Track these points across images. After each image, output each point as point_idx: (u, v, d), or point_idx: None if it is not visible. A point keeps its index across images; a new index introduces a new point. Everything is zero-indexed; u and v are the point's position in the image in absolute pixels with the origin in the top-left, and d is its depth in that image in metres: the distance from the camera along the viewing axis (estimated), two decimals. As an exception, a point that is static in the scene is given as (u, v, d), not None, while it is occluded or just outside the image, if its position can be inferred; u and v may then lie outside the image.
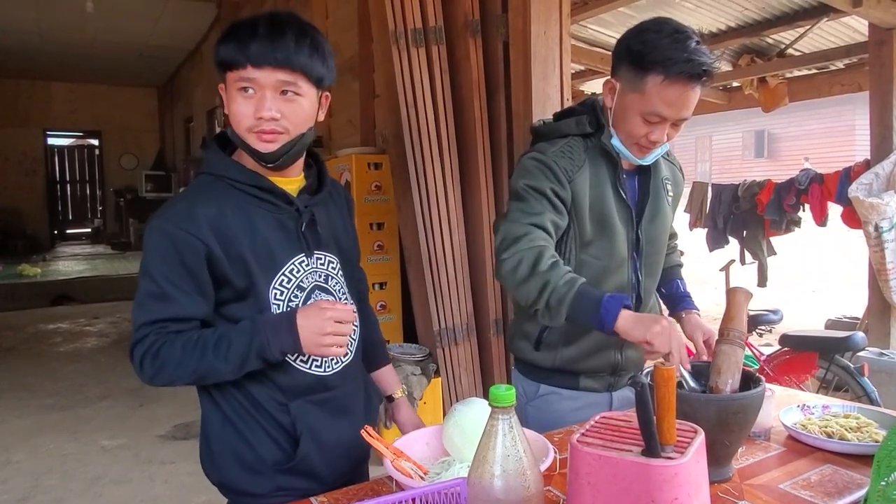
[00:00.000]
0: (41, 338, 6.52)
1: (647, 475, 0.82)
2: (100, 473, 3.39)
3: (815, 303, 7.80)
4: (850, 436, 1.32)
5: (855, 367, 3.16)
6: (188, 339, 1.16)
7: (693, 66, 1.30)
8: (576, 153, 1.47)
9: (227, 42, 1.17)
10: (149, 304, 1.17)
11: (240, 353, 1.16)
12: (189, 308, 1.18)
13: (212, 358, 1.15)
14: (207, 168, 1.26)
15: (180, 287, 1.17)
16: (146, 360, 1.15)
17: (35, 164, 13.09)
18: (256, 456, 1.25)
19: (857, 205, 4.11)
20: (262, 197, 1.23)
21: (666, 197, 1.58)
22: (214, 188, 1.22)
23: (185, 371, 1.16)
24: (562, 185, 1.43)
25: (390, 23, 3.11)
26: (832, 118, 15.70)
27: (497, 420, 0.86)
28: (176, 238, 1.16)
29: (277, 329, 1.17)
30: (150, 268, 1.17)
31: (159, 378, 1.17)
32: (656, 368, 0.87)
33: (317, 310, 1.18)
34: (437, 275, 3.17)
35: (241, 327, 1.18)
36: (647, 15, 4.68)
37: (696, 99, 1.37)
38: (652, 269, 1.58)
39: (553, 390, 1.61)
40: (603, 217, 1.47)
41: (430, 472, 1.24)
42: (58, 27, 8.74)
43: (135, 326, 1.18)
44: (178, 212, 1.18)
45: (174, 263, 1.16)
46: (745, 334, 1.28)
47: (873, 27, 4.16)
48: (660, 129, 1.39)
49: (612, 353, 1.58)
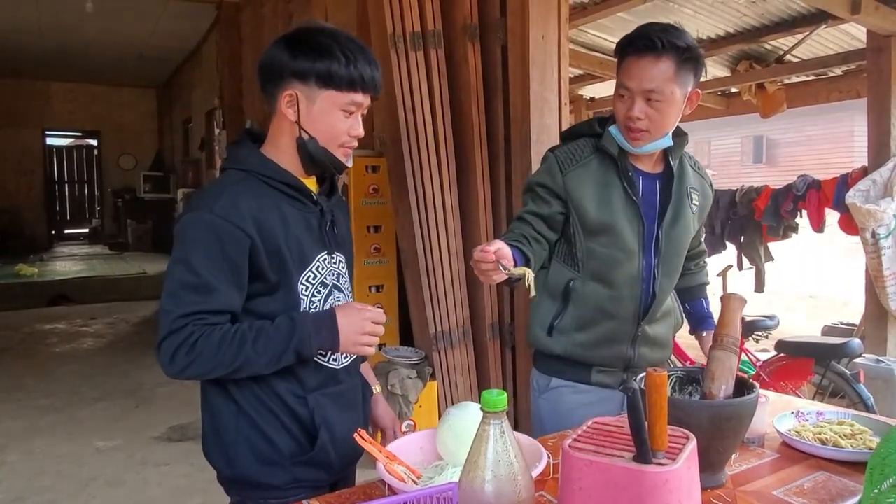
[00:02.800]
0: (37, 338, 6.50)
1: (638, 481, 0.81)
2: (94, 475, 3.38)
3: (813, 309, 7.81)
4: (844, 443, 1.32)
5: (851, 374, 3.16)
6: (226, 332, 1.18)
7: (639, 39, 1.48)
8: (582, 150, 1.61)
9: (336, 61, 1.22)
10: (186, 295, 1.17)
11: (279, 347, 1.19)
12: (228, 301, 1.20)
13: (250, 350, 1.17)
14: (238, 163, 1.28)
15: (222, 279, 1.19)
16: (181, 351, 1.15)
17: (33, 163, 13.04)
18: (274, 448, 1.27)
19: (855, 211, 4.12)
20: (292, 195, 1.29)
21: (690, 205, 1.64)
22: (249, 183, 1.25)
23: (222, 362, 1.17)
24: (553, 177, 1.59)
25: (389, 26, 3.11)
26: (831, 124, 15.71)
27: (489, 425, 0.86)
28: (222, 230, 1.18)
29: (319, 326, 1.22)
30: (192, 259, 1.18)
31: (191, 370, 1.16)
32: (648, 374, 0.87)
33: (355, 310, 1.25)
34: (433, 278, 3.17)
35: (280, 323, 1.21)
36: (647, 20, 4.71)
37: (660, 73, 1.46)
38: (670, 268, 1.64)
39: (564, 383, 1.66)
40: (607, 210, 1.57)
41: (423, 476, 1.24)
42: (57, 27, 8.74)
43: (168, 318, 1.16)
44: (224, 205, 1.20)
45: (218, 255, 1.18)
46: (739, 340, 1.28)
47: (871, 34, 4.18)
48: (631, 104, 1.49)
49: (624, 348, 1.63)
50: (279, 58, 1.24)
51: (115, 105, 13.42)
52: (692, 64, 1.49)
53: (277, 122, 1.30)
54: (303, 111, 1.25)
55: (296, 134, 1.28)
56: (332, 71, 1.22)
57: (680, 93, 1.49)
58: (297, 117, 1.26)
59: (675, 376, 1.31)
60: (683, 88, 1.50)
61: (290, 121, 1.27)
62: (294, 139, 1.28)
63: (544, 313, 1.65)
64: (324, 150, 1.27)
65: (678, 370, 1.32)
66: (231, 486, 1.33)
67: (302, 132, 1.26)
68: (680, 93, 1.49)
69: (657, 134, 1.52)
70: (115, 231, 13.24)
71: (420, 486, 1.17)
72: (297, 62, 1.23)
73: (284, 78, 1.24)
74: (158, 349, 1.17)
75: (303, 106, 1.25)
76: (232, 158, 1.30)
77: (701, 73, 1.54)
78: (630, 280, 1.58)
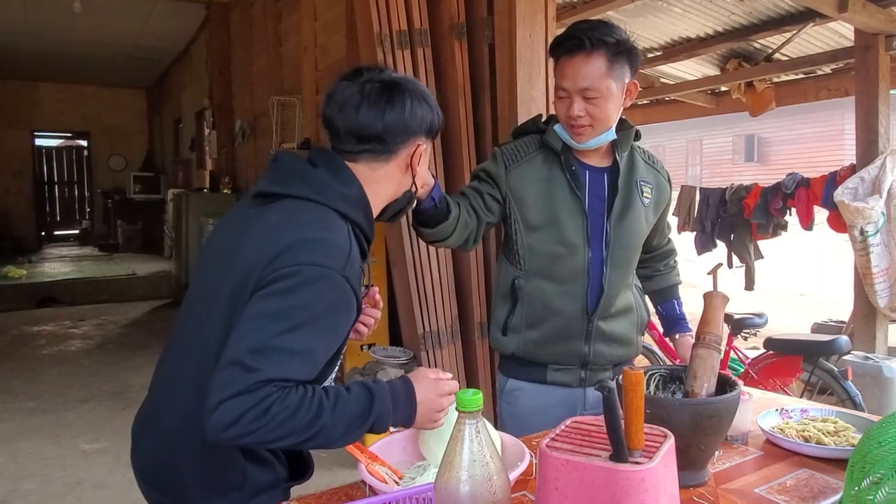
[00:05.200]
0: (24, 340, 6.44)
1: (614, 480, 0.80)
2: (79, 477, 3.35)
3: (803, 306, 7.84)
4: (827, 440, 1.31)
5: (839, 371, 3.16)
6: (303, 396, 1.00)
7: (568, 39, 1.49)
8: (527, 147, 1.64)
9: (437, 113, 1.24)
10: (283, 358, 0.99)
11: (357, 420, 1.05)
12: (318, 369, 1.07)
13: (328, 418, 1.01)
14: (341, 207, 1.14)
15: (325, 351, 1.07)
16: (249, 414, 0.95)
17: (22, 165, 12.96)
18: (275, 475, 1.21)
19: (843, 209, 4.13)
20: (364, 252, 1.21)
21: (641, 197, 1.64)
22: (352, 237, 1.13)
23: (295, 430, 0.99)
24: (497, 167, 1.62)
25: (375, 25, 3.10)
26: (822, 122, 15.79)
27: (464, 425, 0.85)
28: (346, 297, 1.07)
29: (397, 401, 1.10)
30: (305, 321, 1.01)
31: (252, 437, 0.97)
32: (624, 372, 0.86)
33: (432, 383, 1.14)
34: (421, 278, 3.16)
35: (359, 393, 1.07)
36: (636, 18, 4.74)
37: (593, 70, 1.47)
38: (620, 262, 1.62)
39: (520, 384, 1.66)
40: (549, 205, 1.58)
41: (405, 476, 1.23)
42: (46, 27, 8.68)
43: (249, 376, 0.96)
44: (352, 266, 1.08)
45: (332, 325, 1.06)
46: (721, 338, 1.27)
47: (859, 32, 4.19)
48: (570, 104, 1.51)
49: (577, 344, 1.61)
50: (416, 111, 1.20)
51: (104, 106, 13.35)
52: (625, 57, 1.50)
53: (389, 171, 1.21)
54: (419, 163, 1.24)
55: (405, 187, 1.25)
56: (434, 123, 1.24)
57: (616, 86, 1.50)
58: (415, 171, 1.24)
59: (658, 374, 1.31)
60: (619, 82, 1.51)
61: (403, 173, 1.23)
62: (398, 192, 1.25)
63: (499, 313, 1.67)
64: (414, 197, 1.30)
65: (661, 369, 1.31)
66: None
67: (414, 185, 1.26)
68: (616, 86, 1.50)
69: (600, 129, 1.54)
70: (105, 232, 13.16)
71: (402, 486, 1.17)
72: (431, 115, 1.22)
73: (418, 131, 1.21)
74: (216, 408, 0.96)
75: (419, 158, 1.24)
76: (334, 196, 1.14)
77: (637, 64, 1.54)
78: (574, 274, 1.58)
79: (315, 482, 1.37)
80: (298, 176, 1.16)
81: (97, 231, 13.57)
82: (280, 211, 1.13)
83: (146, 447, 1.21)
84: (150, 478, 1.21)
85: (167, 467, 1.17)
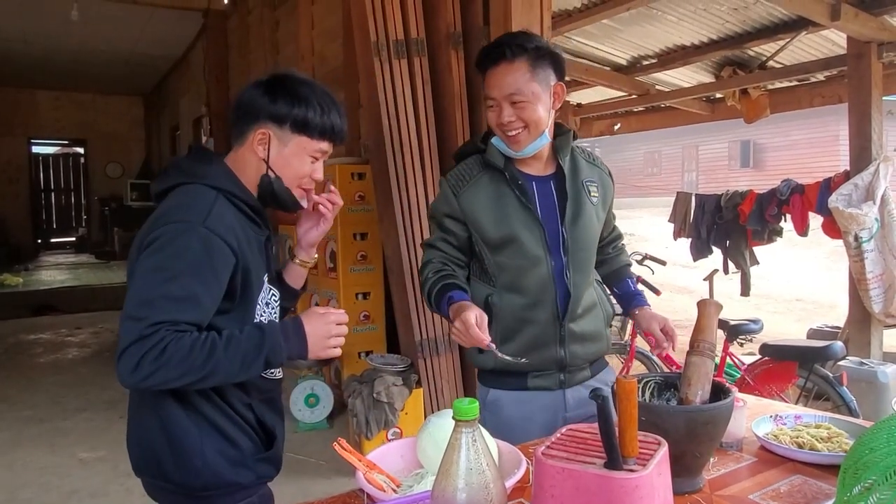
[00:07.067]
0: (21, 349, 6.43)
1: (609, 487, 0.82)
2: (77, 487, 3.34)
3: (800, 312, 7.86)
4: (821, 446, 1.32)
5: (834, 377, 3.18)
6: (196, 338, 1.15)
7: (492, 50, 1.57)
8: (471, 169, 1.66)
9: (313, 110, 1.32)
10: (166, 304, 1.14)
11: (250, 355, 1.19)
12: (207, 315, 1.20)
13: (222, 356, 1.16)
14: (209, 180, 1.30)
15: (207, 294, 1.19)
16: (147, 356, 1.10)
17: (19, 172, 12.95)
18: (239, 449, 1.33)
19: (837, 215, 4.16)
20: (252, 217, 1.35)
21: (589, 198, 1.68)
22: (220, 201, 1.28)
23: (193, 367, 1.13)
24: (449, 203, 1.64)
25: (372, 34, 3.12)
26: (817, 129, 15.87)
27: (461, 433, 0.86)
28: (214, 245, 1.20)
29: (287, 335, 1.23)
30: (178, 269, 1.16)
31: (156, 376, 1.12)
32: (618, 381, 0.87)
33: (319, 315, 1.27)
34: (418, 285, 3.16)
35: (250, 332, 1.21)
36: (631, 26, 4.77)
37: (517, 76, 1.53)
38: (581, 265, 1.65)
39: (500, 395, 1.67)
40: (505, 223, 1.60)
41: (402, 484, 1.24)
42: (43, 35, 8.69)
43: (139, 324, 1.12)
44: (214, 220, 1.22)
45: (207, 269, 1.19)
46: (715, 346, 1.28)
47: (852, 40, 4.23)
48: (499, 111, 1.56)
49: (553, 349, 1.63)
50: (259, 99, 1.32)
51: (101, 113, 13.36)
52: (547, 61, 1.56)
53: (243, 154, 1.36)
54: (273, 151, 1.33)
55: (262, 171, 1.35)
56: (309, 118, 1.32)
57: (542, 89, 1.55)
58: (267, 156, 1.33)
59: (653, 382, 1.32)
60: (545, 84, 1.56)
61: (257, 157, 1.34)
62: (258, 175, 1.35)
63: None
64: (287, 189, 1.36)
65: (656, 376, 1.32)
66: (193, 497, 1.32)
67: (269, 170, 1.34)
68: (542, 89, 1.55)
69: (534, 132, 1.57)
70: (102, 239, 13.15)
71: (399, 494, 1.17)
72: (277, 106, 1.31)
73: (260, 118, 1.32)
74: (119, 357, 1.12)
75: (274, 146, 1.33)
76: (201, 174, 1.31)
77: (561, 67, 1.60)
78: (542, 284, 1.61)
79: (313, 490, 1.39)
80: (176, 168, 1.34)
81: (94, 238, 13.55)
82: (165, 200, 1.30)
83: (128, 436, 1.37)
84: (137, 463, 1.36)
85: (141, 445, 1.33)
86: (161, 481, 1.32)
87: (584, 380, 1.69)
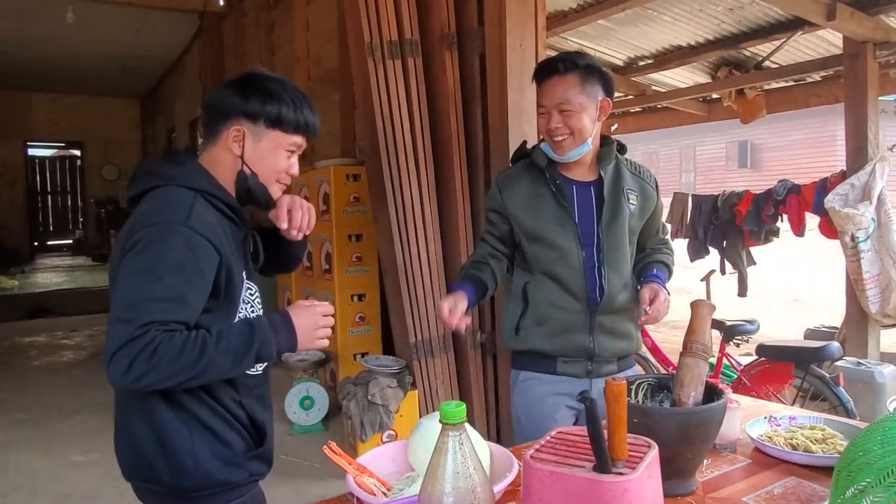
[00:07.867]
0: (16, 351, 6.40)
1: (598, 491, 0.80)
2: (70, 490, 3.32)
3: (797, 312, 7.86)
4: (815, 447, 1.31)
5: (831, 377, 3.17)
6: (187, 337, 1.15)
7: (547, 65, 1.76)
8: (517, 170, 1.86)
9: (286, 105, 1.33)
10: (154, 304, 1.14)
11: (241, 350, 1.20)
12: (195, 315, 1.21)
13: (214, 352, 1.16)
14: (186, 181, 1.30)
15: (194, 293, 1.20)
16: (139, 357, 1.10)
17: (15, 175, 12.92)
18: (230, 448, 1.33)
19: (834, 215, 4.15)
20: (230, 216, 1.35)
21: (627, 204, 1.81)
22: (199, 201, 1.28)
23: (185, 365, 1.14)
24: (495, 199, 1.87)
25: (366, 35, 3.10)
26: (814, 128, 15.87)
27: (447, 437, 0.84)
28: (197, 244, 1.21)
29: (276, 329, 1.25)
30: (163, 270, 1.16)
31: (149, 377, 1.12)
32: (607, 383, 0.86)
33: (305, 308, 1.29)
34: (413, 286, 3.15)
35: (240, 327, 1.23)
36: (627, 27, 4.77)
37: (567, 88, 1.70)
38: (615, 264, 1.79)
39: (532, 375, 1.83)
40: (539, 218, 1.78)
41: (393, 487, 1.22)
42: (38, 37, 8.68)
43: (129, 326, 1.12)
44: (195, 220, 1.23)
45: (192, 269, 1.19)
46: (708, 347, 1.27)
47: (848, 40, 4.22)
48: (549, 118, 1.73)
49: (582, 337, 1.78)
50: (231, 97, 1.34)
51: (97, 115, 13.34)
52: (596, 77, 1.73)
53: (217, 153, 1.36)
54: (248, 147, 1.34)
55: (237, 168, 1.35)
56: (282, 114, 1.33)
57: (589, 102, 1.72)
58: (242, 152, 1.34)
59: (645, 383, 1.31)
60: (592, 98, 1.72)
61: (232, 155, 1.35)
62: (234, 172, 1.36)
63: (510, 317, 1.86)
64: (262, 185, 1.37)
65: (648, 377, 1.31)
66: (185, 499, 1.31)
67: (245, 167, 1.35)
68: (589, 102, 1.72)
69: (578, 139, 1.73)
70: (99, 242, 13.13)
71: (390, 497, 1.16)
72: (250, 103, 1.32)
73: (233, 116, 1.33)
74: (111, 360, 1.12)
75: (248, 142, 1.34)
76: (175, 176, 1.31)
77: (609, 85, 1.76)
78: (573, 273, 1.76)
79: (308, 493, 1.38)
80: (147, 172, 1.34)
81: (90, 241, 13.53)
82: (142, 203, 1.30)
83: (116, 441, 1.36)
84: (127, 468, 1.35)
85: (131, 448, 1.32)
86: (152, 484, 1.31)
87: (611, 373, 1.81)
